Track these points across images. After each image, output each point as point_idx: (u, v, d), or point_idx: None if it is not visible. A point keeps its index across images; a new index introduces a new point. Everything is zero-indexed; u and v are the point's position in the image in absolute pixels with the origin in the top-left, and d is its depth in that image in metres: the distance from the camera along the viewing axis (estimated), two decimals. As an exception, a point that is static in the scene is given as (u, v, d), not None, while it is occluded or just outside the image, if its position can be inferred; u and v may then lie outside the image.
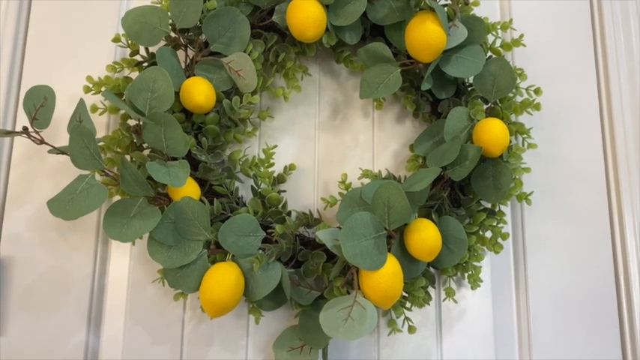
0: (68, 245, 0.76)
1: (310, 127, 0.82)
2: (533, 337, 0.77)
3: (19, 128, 0.77)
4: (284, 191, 0.76)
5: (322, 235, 0.64)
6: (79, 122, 0.65)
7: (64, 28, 0.81)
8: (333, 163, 0.81)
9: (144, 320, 0.74)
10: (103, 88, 0.71)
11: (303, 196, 0.79)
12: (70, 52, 0.80)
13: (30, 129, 0.64)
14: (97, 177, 0.65)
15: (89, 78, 0.70)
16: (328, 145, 0.81)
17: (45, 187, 0.76)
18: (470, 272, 0.72)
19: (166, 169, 0.64)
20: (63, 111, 0.75)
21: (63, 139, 0.70)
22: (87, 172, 0.62)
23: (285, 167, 0.76)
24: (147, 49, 0.72)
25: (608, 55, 0.86)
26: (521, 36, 0.75)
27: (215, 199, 0.69)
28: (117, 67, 0.72)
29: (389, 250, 0.64)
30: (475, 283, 0.72)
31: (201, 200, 0.69)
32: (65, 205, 0.60)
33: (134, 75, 0.74)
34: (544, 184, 0.81)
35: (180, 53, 0.73)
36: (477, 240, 0.72)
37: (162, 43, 0.72)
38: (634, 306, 0.78)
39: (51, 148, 0.64)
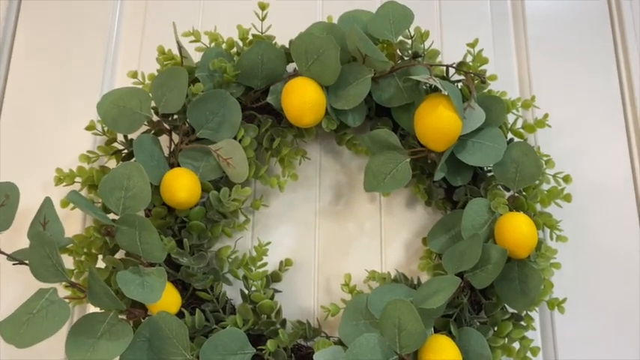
0: (36, 356, 0.66)
1: (310, 213, 0.73)
2: None
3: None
4: (279, 291, 0.66)
5: (321, 358, 0.54)
6: (44, 224, 0.57)
7: (39, 112, 0.74)
8: (335, 254, 0.72)
9: None
10: (77, 179, 0.63)
11: (301, 295, 0.70)
12: (46, 137, 0.73)
13: (-16, 235, 0.56)
14: (61, 289, 0.56)
15: (59, 170, 0.62)
16: (330, 233, 0.72)
17: (11, 287, 0.68)
18: (495, 392, 0.62)
19: (140, 278, 0.55)
20: (36, 201, 0.67)
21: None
22: (49, 286, 0.54)
23: (281, 263, 0.67)
24: (125, 136, 0.65)
25: (641, 128, 0.77)
26: (546, 116, 0.67)
27: (197, 308, 0.60)
28: (91, 156, 0.64)
29: (400, 377, 0.54)
30: (502, 404, 0.62)
31: (182, 309, 0.60)
32: (19, 329, 0.52)
33: (112, 164, 0.67)
34: (576, 279, 0.71)
35: (164, 138, 0.65)
36: (502, 352, 0.62)
37: (144, 127, 0.64)
38: None
39: (7, 256, 0.56)
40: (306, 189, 0.74)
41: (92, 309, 0.65)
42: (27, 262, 0.55)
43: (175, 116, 0.65)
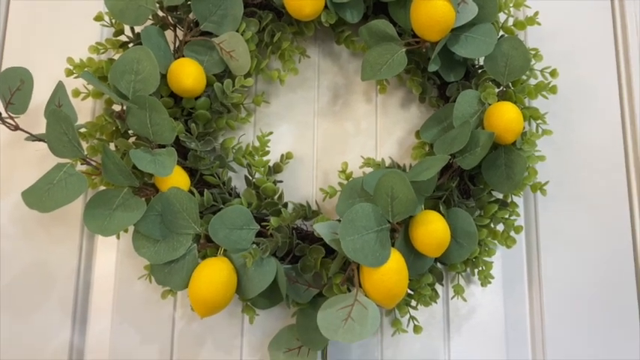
0: (52, 239, 0.71)
1: (309, 113, 0.77)
2: (547, 336, 0.72)
3: None
4: (280, 181, 0.71)
5: (320, 228, 0.59)
6: (58, 106, 0.60)
7: (46, 7, 0.76)
8: (333, 151, 0.76)
9: (132, 318, 0.70)
10: (86, 69, 0.66)
11: (301, 186, 0.74)
12: (53, 33, 0.76)
13: (4, 114, 0.59)
14: (78, 166, 0.60)
15: (70, 60, 0.65)
16: (328, 132, 0.76)
17: (27, 177, 0.71)
18: (480, 268, 0.67)
19: (152, 157, 0.59)
20: (45, 96, 0.70)
21: (44, 126, 0.65)
22: (66, 161, 0.58)
23: (282, 156, 0.71)
24: (132, 29, 0.67)
25: (629, 33, 0.80)
26: (536, 14, 0.69)
27: (205, 189, 0.64)
28: (100, 48, 0.67)
29: (393, 245, 0.59)
30: (486, 279, 0.67)
31: (190, 191, 0.64)
32: (41, 196, 0.56)
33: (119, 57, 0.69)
34: (559, 172, 0.75)
35: (169, 34, 0.68)
36: (487, 233, 0.67)
37: (149, 22, 0.66)
38: (656, 304, 0.73)
39: (28, 135, 0.59)
40: (306, 90, 0.77)
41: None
42: (44, 140, 0.58)
43: (179, 12, 0.68)
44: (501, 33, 0.70)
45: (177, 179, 0.62)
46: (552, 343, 0.72)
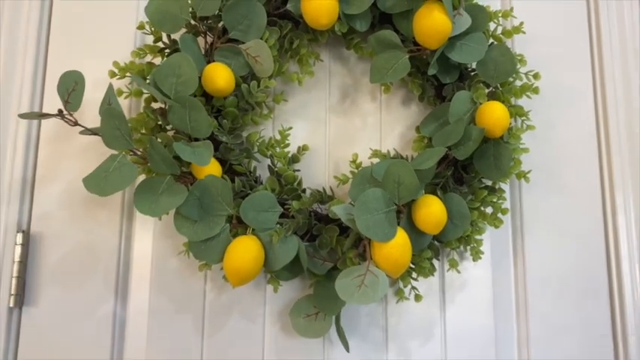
0: (95, 222, 0.80)
1: (321, 110, 0.86)
2: (530, 306, 0.83)
3: (45, 111, 0.81)
4: (298, 170, 0.80)
5: (337, 209, 0.69)
6: (109, 105, 0.69)
7: (86, 16, 0.85)
8: (343, 144, 0.85)
9: (168, 291, 0.79)
10: (127, 73, 0.75)
11: (316, 175, 0.84)
12: (93, 39, 0.84)
13: (64, 112, 0.68)
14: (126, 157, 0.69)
15: (116, 63, 0.74)
16: (338, 127, 0.86)
17: (72, 166, 0.81)
18: (472, 245, 0.77)
19: (191, 149, 0.68)
20: (86, 95, 0.79)
21: (88, 122, 0.73)
22: (117, 152, 0.67)
23: (299, 148, 0.80)
24: (169, 36, 0.76)
25: (603, 41, 0.91)
26: (522, 23, 0.79)
27: (235, 177, 0.74)
28: (141, 52, 0.76)
29: (398, 224, 0.69)
30: (476, 255, 0.78)
31: (223, 178, 0.74)
32: (100, 182, 0.65)
33: (156, 61, 0.78)
34: (541, 163, 0.86)
35: (200, 40, 0.77)
36: (478, 215, 0.77)
37: (183, 30, 0.76)
38: (623, 276, 0.85)
39: (83, 129, 0.68)
40: (318, 90, 0.87)
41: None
42: (98, 134, 0.68)
43: (210, 21, 0.77)
44: (491, 40, 0.80)
45: (211, 168, 0.72)
46: (534, 311, 0.83)
